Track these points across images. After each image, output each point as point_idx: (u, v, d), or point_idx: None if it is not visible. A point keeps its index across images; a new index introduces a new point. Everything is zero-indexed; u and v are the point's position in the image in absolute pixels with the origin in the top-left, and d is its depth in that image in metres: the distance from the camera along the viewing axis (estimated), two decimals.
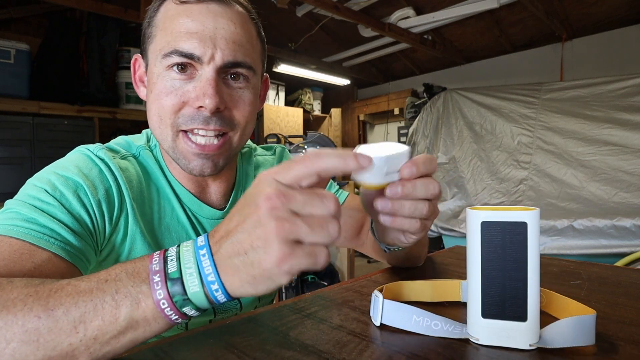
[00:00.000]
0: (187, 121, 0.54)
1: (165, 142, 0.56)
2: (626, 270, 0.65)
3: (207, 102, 0.52)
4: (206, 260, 0.32)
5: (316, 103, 5.04)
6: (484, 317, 0.37)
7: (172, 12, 0.54)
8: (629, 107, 2.59)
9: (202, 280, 0.32)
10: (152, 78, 0.56)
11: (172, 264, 0.33)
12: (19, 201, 0.47)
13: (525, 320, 0.36)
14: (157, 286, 0.32)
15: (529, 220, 0.35)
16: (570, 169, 2.66)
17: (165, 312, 0.32)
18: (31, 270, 0.41)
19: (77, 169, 0.52)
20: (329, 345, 0.39)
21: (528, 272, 0.35)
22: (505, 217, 0.35)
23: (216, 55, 0.53)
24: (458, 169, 3.22)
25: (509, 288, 0.36)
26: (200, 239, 0.34)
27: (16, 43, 2.60)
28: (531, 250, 0.35)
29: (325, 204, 0.31)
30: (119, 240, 0.55)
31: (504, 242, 0.35)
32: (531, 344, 0.36)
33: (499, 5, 2.90)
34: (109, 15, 2.76)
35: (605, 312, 0.46)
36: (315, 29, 3.56)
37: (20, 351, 0.30)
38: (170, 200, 0.61)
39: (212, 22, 0.53)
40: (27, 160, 2.62)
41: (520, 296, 0.35)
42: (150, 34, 0.57)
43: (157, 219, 0.60)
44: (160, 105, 0.54)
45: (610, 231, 2.21)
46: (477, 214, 0.36)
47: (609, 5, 2.99)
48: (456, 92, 3.47)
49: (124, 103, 3.20)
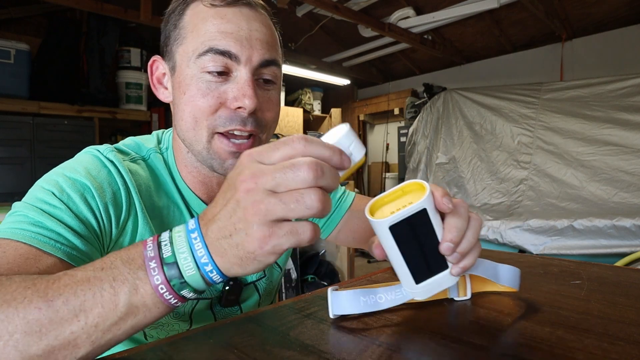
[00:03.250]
0: (225, 122, 0.54)
1: (199, 143, 0.56)
2: (626, 270, 0.65)
3: (247, 103, 0.52)
4: (198, 243, 0.33)
5: (316, 103, 5.04)
6: (417, 283, 0.41)
7: (203, 14, 0.54)
8: (629, 107, 2.59)
9: (197, 263, 0.33)
10: (184, 80, 0.55)
11: (167, 249, 0.33)
12: (26, 204, 0.47)
13: (448, 267, 0.41)
14: (154, 272, 0.33)
15: (427, 205, 0.37)
16: (570, 169, 2.66)
17: (164, 297, 0.33)
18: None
19: (86, 171, 0.52)
20: (329, 345, 0.39)
21: (437, 236, 0.39)
22: (407, 213, 0.37)
23: (253, 56, 0.53)
24: (458, 169, 3.22)
25: (428, 254, 0.40)
26: (191, 222, 0.34)
27: (16, 43, 2.60)
28: (434, 220, 0.38)
29: (297, 174, 0.30)
30: (127, 243, 0.55)
31: (414, 230, 0.38)
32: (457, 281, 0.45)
33: (499, 5, 2.90)
34: (109, 15, 2.76)
35: (605, 312, 0.46)
36: (315, 29, 3.56)
37: (23, 342, 0.31)
38: (179, 205, 0.61)
39: (247, 24, 0.54)
40: (27, 160, 2.62)
41: (438, 255, 0.40)
42: (178, 36, 0.56)
43: (167, 223, 0.60)
44: (196, 107, 0.54)
45: (610, 231, 2.21)
46: (382, 222, 0.37)
47: (609, 5, 2.99)
48: (456, 92, 3.47)
49: (124, 103, 3.20)
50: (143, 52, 3.23)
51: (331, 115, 5.03)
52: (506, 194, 2.89)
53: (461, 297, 0.50)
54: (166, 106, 3.36)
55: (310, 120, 4.93)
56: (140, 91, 3.24)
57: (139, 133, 0.67)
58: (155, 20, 2.82)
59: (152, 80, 0.62)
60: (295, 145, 0.31)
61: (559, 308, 0.46)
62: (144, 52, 3.25)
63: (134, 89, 3.21)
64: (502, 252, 0.80)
